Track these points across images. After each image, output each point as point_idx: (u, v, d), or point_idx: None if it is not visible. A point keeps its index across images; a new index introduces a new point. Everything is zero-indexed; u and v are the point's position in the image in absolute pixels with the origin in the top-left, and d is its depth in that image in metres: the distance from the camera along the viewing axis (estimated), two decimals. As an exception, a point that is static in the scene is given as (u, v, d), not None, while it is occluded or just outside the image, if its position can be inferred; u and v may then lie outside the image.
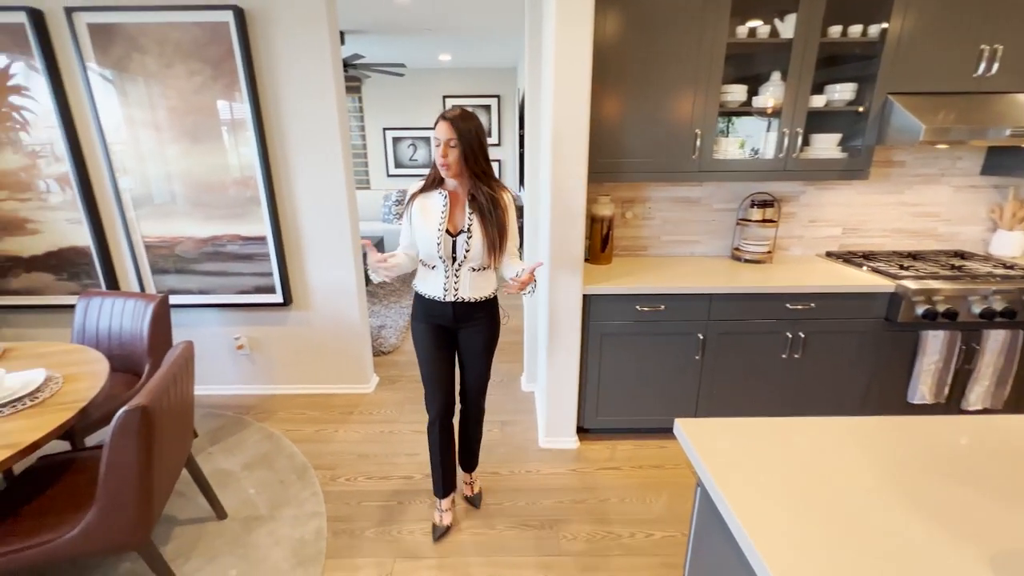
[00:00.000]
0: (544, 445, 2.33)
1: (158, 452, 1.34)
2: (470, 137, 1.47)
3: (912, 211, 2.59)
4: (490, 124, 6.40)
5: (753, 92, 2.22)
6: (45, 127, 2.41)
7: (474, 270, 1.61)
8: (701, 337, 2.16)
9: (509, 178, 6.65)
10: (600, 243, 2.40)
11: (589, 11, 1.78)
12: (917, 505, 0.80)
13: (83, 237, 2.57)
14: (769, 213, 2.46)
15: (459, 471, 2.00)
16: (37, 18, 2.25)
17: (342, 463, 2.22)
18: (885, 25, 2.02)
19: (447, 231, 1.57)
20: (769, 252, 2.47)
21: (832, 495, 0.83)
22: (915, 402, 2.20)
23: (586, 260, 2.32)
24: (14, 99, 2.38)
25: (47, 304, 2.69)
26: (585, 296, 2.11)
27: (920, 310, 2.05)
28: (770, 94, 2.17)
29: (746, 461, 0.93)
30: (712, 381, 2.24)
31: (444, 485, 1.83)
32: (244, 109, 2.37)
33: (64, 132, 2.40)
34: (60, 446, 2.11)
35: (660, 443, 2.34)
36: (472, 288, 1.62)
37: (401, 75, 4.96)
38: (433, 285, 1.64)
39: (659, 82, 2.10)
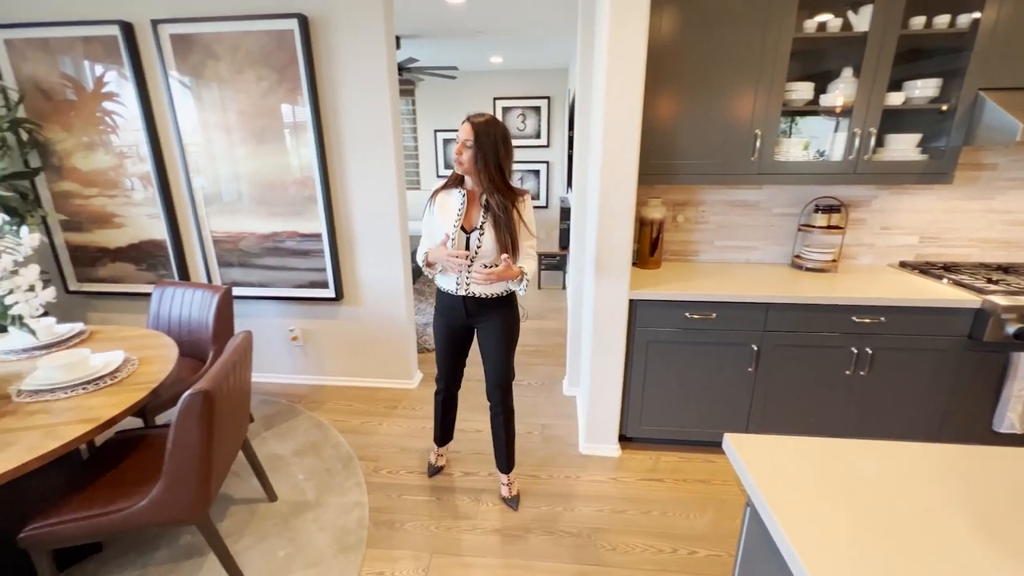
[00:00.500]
0: (585, 451, 2.29)
1: (218, 434, 1.43)
2: (486, 142, 1.55)
3: (1003, 219, 2.34)
4: (539, 126, 6.39)
5: (820, 90, 2.09)
6: (131, 130, 2.64)
7: (486, 267, 1.67)
8: (755, 348, 2.05)
9: (557, 180, 6.62)
10: (649, 247, 2.33)
11: (644, 10, 1.74)
12: (1000, 546, 0.72)
13: (160, 231, 2.79)
14: (835, 219, 2.30)
15: (498, 473, 2.04)
16: (127, 30, 2.47)
17: (385, 456, 2.28)
18: (977, 15, 1.84)
19: (462, 228, 1.66)
20: (834, 260, 2.31)
21: (898, 527, 0.76)
22: (1002, 431, 1.99)
23: (633, 264, 2.26)
24: (107, 104, 2.62)
25: (128, 292, 2.93)
26: (631, 301, 2.05)
27: (1011, 329, 1.85)
28: (840, 92, 2.03)
29: (802, 482, 0.87)
30: (766, 395, 2.12)
31: (441, 436, 2.13)
32: (305, 112, 2.48)
33: (147, 134, 2.61)
34: (134, 423, 2.30)
35: (707, 457, 2.24)
36: (483, 285, 1.68)
37: (453, 78, 5.05)
38: (447, 279, 1.75)
39: (717, 81, 2.01)
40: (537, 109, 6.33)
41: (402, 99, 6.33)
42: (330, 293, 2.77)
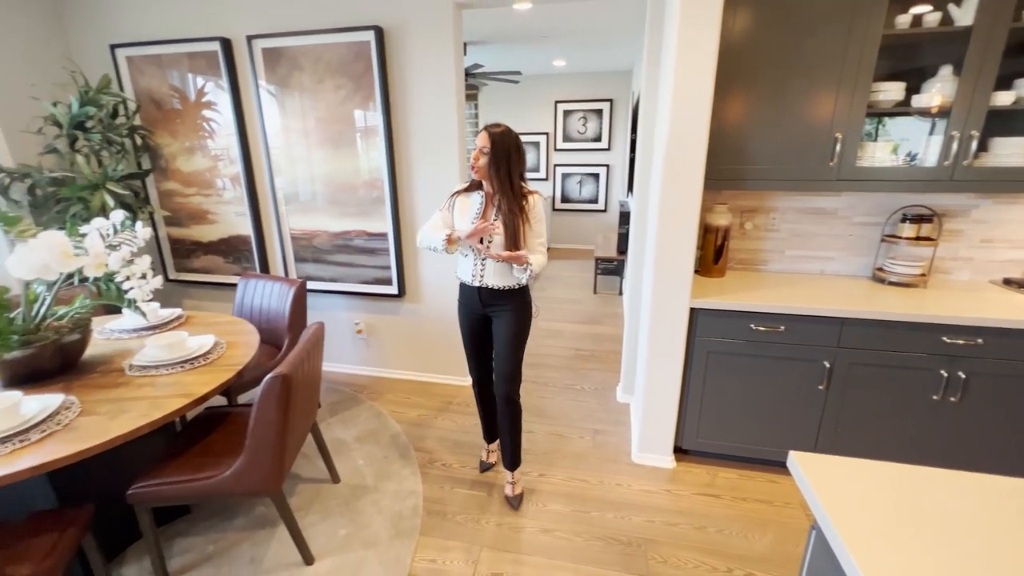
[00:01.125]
0: (637, 460, 2.25)
1: (292, 415, 1.55)
2: (500, 151, 1.70)
3: None
4: (600, 129, 6.34)
5: (913, 89, 1.93)
6: (225, 135, 2.91)
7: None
8: (828, 365, 1.93)
9: (616, 184, 6.52)
10: (713, 254, 2.25)
11: (717, 9, 1.69)
12: (1121, 602, 0.64)
13: (246, 228, 3.05)
14: (926, 230, 2.12)
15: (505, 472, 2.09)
16: (227, 46, 2.72)
17: (439, 449, 2.36)
18: (1109, 2, 1.63)
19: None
20: (923, 275, 2.12)
21: (988, 569, 0.70)
22: None
23: (696, 272, 2.19)
24: (206, 112, 2.90)
25: (216, 282, 3.23)
26: (693, 309, 2.00)
27: None
28: (936, 91, 1.87)
29: (878, 509, 0.82)
30: (837, 416, 1.99)
31: (486, 434, 2.23)
32: (377, 118, 2.63)
33: (239, 139, 2.87)
34: (218, 401, 2.52)
35: (769, 477, 2.13)
36: (495, 276, 1.82)
37: (516, 82, 5.12)
38: (464, 270, 1.89)
39: (793, 81, 1.92)
40: (599, 112, 6.28)
41: (467, 103, 6.50)
42: (393, 290, 2.91)
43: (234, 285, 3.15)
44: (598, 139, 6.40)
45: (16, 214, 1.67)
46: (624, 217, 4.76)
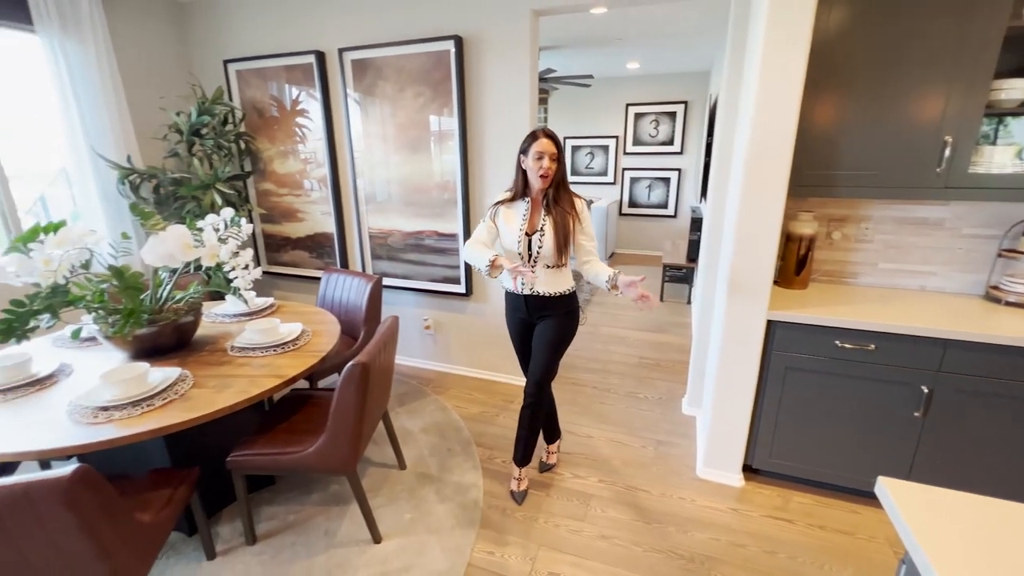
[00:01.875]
0: (702, 475, 2.17)
1: (369, 400, 1.66)
2: (562, 156, 1.76)
3: None
4: (673, 132, 6.15)
5: (1045, 86, 1.71)
6: (314, 140, 3.15)
7: (548, 267, 1.82)
8: (926, 391, 1.76)
9: (688, 189, 6.30)
10: (795, 265, 2.12)
11: (810, 2, 1.60)
12: None
13: (330, 226, 3.29)
14: (1055, 244, 1.87)
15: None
16: (320, 58, 2.96)
17: (499, 446, 2.40)
18: None
19: (526, 231, 1.81)
20: (1049, 295, 1.87)
21: None
22: None
23: (775, 283, 2.08)
24: (299, 119, 3.16)
25: (302, 275, 3.51)
26: (770, 322, 1.90)
27: None
28: (1075, 88, 1.65)
29: (979, 549, 0.75)
30: (936, 446, 1.80)
31: (547, 437, 2.24)
32: (452, 123, 2.74)
33: (327, 144, 3.10)
34: (301, 384, 2.73)
35: (851, 507, 1.97)
36: (546, 283, 1.82)
37: (588, 86, 5.10)
38: (509, 280, 1.87)
39: (895, 79, 1.77)
40: (672, 115, 6.10)
41: (537, 108, 6.56)
42: (461, 289, 3.01)
43: (317, 278, 3.41)
44: (670, 142, 6.21)
45: (150, 210, 1.92)
46: (696, 223, 4.59)
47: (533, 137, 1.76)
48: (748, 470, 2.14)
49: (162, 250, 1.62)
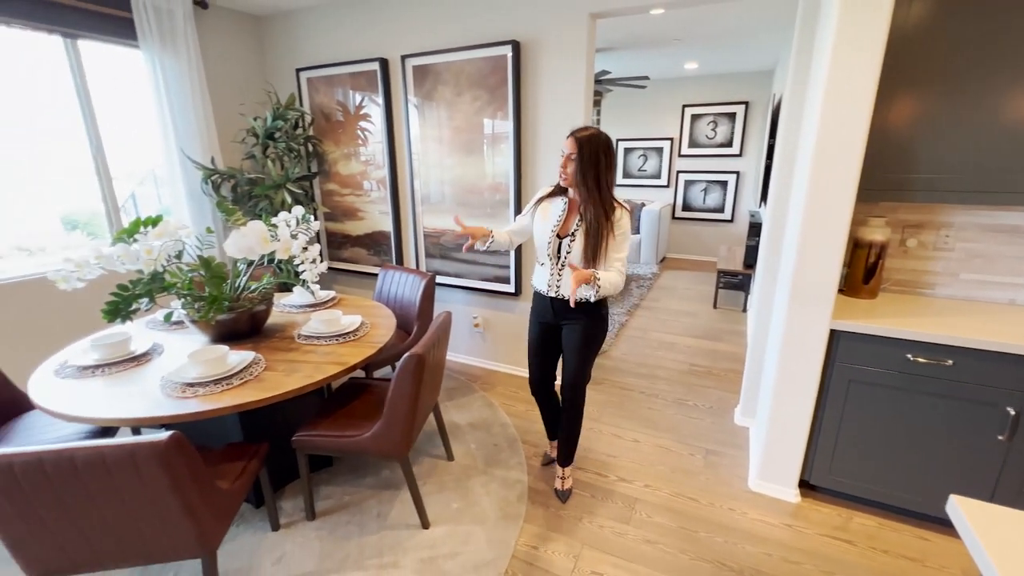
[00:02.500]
0: (754, 488, 2.10)
1: (422, 391, 1.74)
2: (588, 156, 1.64)
3: None
4: (731, 133, 5.94)
5: None
6: (375, 143, 3.31)
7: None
8: (1012, 413, 1.62)
9: (747, 192, 6.06)
10: (863, 272, 2.01)
11: (888, -1, 1.52)
12: None
13: (387, 224, 3.44)
14: None
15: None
16: (384, 65, 3.11)
17: (545, 444, 2.43)
18: None
19: (557, 233, 1.77)
20: None
21: None
22: None
23: (840, 291, 1.98)
24: (362, 123, 3.34)
25: (359, 271, 3.69)
26: (834, 332, 1.81)
27: None
28: None
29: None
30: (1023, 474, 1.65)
31: (549, 433, 2.24)
32: (506, 126, 2.79)
33: (387, 146, 3.25)
34: (358, 373, 2.87)
35: (919, 532, 1.84)
36: (571, 288, 1.71)
37: (643, 87, 5.03)
38: (540, 280, 1.88)
39: (988, 77, 1.64)
40: (731, 116, 5.90)
41: (588, 110, 6.54)
42: (510, 288, 3.06)
43: (373, 274, 3.57)
44: (728, 144, 6.00)
45: (233, 207, 2.10)
46: (754, 228, 4.41)
47: (567, 137, 1.73)
48: (805, 486, 2.05)
49: (243, 243, 1.78)
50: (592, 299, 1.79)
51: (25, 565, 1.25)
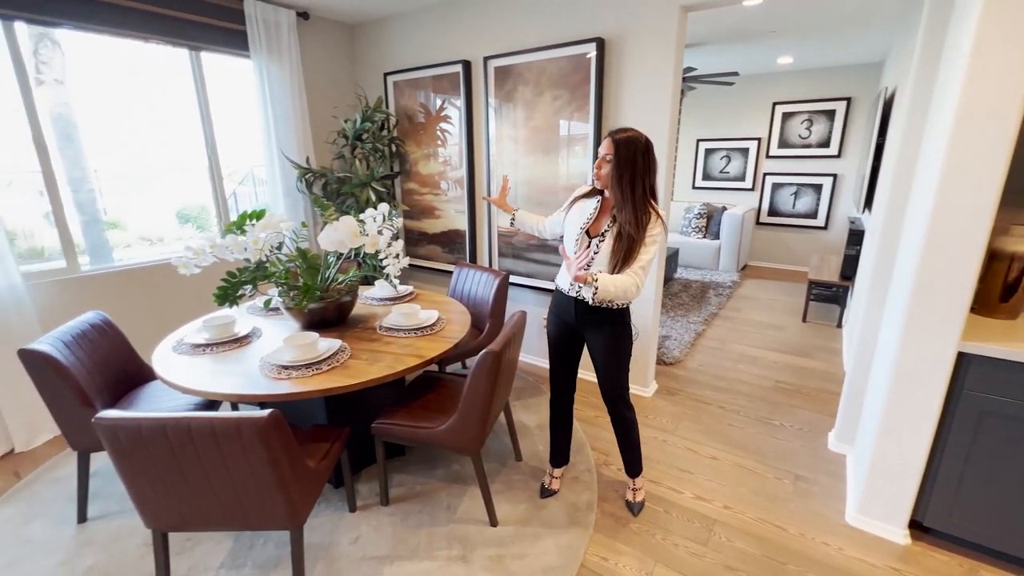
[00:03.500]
0: (852, 522, 1.89)
1: (496, 388, 1.74)
2: (625, 158, 1.60)
3: None
4: (829, 132, 5.45)
5: None
6: (453, 144, 3.39)
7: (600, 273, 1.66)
8: None
9: (844, 197, 5.53)
10: (1002, 289, 1.74)
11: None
12: None
13: (463, 223, 3.51)
14: None
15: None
16: (466, 67, 3.17)
17: (614, 452, 2.35)
18: None
19: (587, 232, 1.73)
20: None
21: None
22: None
23: (972, 309, 1.73)
24: (442, 125, 3.43)
25: (435, 268, 3.79)
26: (962, 355, 1.58)
27: None
28: None
29: None
30: None
31: (553, 456, 2.09)
32: (585, 127, 2.74)
33: (466, 147, 3.31)
34: (431, 368, 2.95)
35: (1068, 598, 1.56)
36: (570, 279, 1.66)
37: (731, 84, 4.75)
38: (564, 278, 1.82)
39: None
40: (829, 113, 5.41)
41: (667, 109, 6.29)
42: (583, 291, 3.00)
43: (447, 272, 3.66)
44: (825, 144, 5.51)
45: (327, 203, 2.23)
46: (854, 236, 4.01)
47: (604, 138, 1.69)
48: (916, 527, 1.81)
49: (335, 237, 1.88)
50: (615, 305, 1.73)
51: (145, 518, 1.40)
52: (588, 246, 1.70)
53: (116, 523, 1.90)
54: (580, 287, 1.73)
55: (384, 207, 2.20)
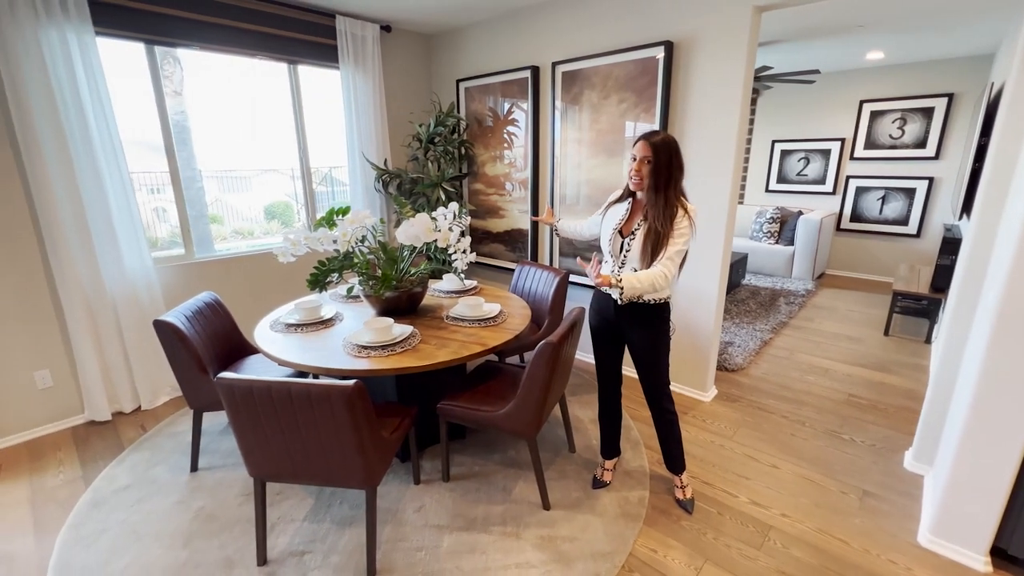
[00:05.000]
0: (925, 544, 1.78)
1: (554, 377, 1.83)
2: (662, 160, 1.68)
3: None
4: (925, 132, 5.01)
5: None
6: (518, 146, 3.52)
7: (635, 271, 1.74)
8: None
9: (942, 202, 5.06)
10: (1114, 302, 1.58)
11: None
12: None
13: (526, 223, 3.63)
14: None
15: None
16: (535, 72, 3.29)
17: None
18: None
19: (619, 232, 1.81)
20: None
21: None
22: None
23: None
24: (509, 128, 3.57)
25: (497, 265, 3.95)
26: (1059, 370, 1.46)
27: None
28: None
29: None
30: None
31: (605, 449, 2.18)
32: (651, 128, 2.76)
33: (532, 150, 3.43)
34: (491, 358, 3.09)
35: None
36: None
37: (812, 82, 4.52)
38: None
39: None
40: (927, 111, 4.98)
41: (741, 110, 6.06)
42: (643, 292, 3.02)
43: (509, 270, 3.80)
44: (920, 145, 5.08)
45: (405, 200, 2.44)
46: (948, 245, 3.68)
47: (638, 138, 1.74)
48: (1000, 555, 1.68)
49: (411, 232, 2.06)
50: (651, 300, 1.81)
51: (249, 466, 1.63)
52: (621, 247, 1.82)
53: (219, 475, 2.20)
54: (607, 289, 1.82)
55: (454, 206, 2.36)
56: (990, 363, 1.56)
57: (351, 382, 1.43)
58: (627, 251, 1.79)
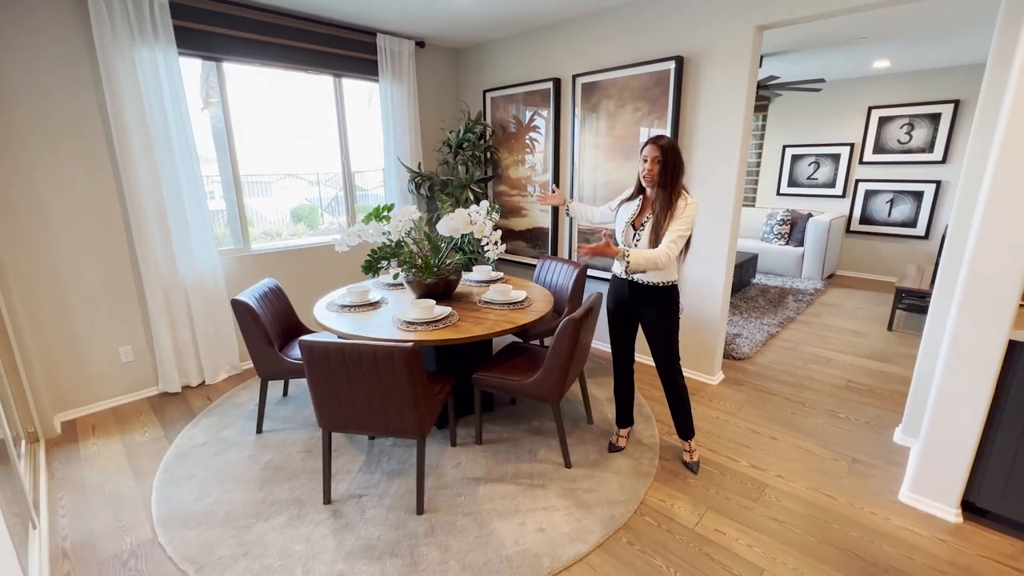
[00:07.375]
0: (905, 500, 2.02)
1: (576, 350, 2.11)
2: (668, 160, 1.97)
3: None
4: (933, 136, 5.19)
5: None
6: (540, 151, 3.82)
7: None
8: None
9: (949, 204, 5.22)
10: (1067, 284, 1.81)
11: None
12: None
13: (546, 222, 3.92)
14: None
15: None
16: (556, 84, 3.59)
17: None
18: None
19: (632, 224, 2.11)
20: None
21: None
22: None
23: (1022, 305, 1.81)
24: (531, 134, 3.87)
25: (520, 261, 4.24)
26: (1013, 343, 1.70)
27: None
28: None
29: None
30: None
31: (620, 418, 2.45)
32: (663, 133, 3.03)
33: (553, 155, 3.73)
34: (516, 339, 3.37)
35: (1125, 584, 1.61)
36: (647, 272, 2.06)
37: (818, 90, 4.74)
38: (618, 265, 2.20)
39: None
40: (934, 117, 5.16)
41: (753, 116, 6.28)
42: (655, 284, 3.28)
43: (531, 265, 4.09)
44: (928, 149, 5.25)
45: (445, 197, 2.75)
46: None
47: (646, 142, 2.03)
48: (970, 508, 1.91)
49: (451, 224, 2.37)
50: (659, 282, 2.09)
51: (320, 417, 1.95)
52: (634, 236, 2.11)
53: (282, 435, 2.53)
54: (625, 265, 2.05)
55: (485, 203, 2.67)
56: (955, 335, 1.80)
57: (409, 343, 1.73)
58: (638, 240, 2.09)
